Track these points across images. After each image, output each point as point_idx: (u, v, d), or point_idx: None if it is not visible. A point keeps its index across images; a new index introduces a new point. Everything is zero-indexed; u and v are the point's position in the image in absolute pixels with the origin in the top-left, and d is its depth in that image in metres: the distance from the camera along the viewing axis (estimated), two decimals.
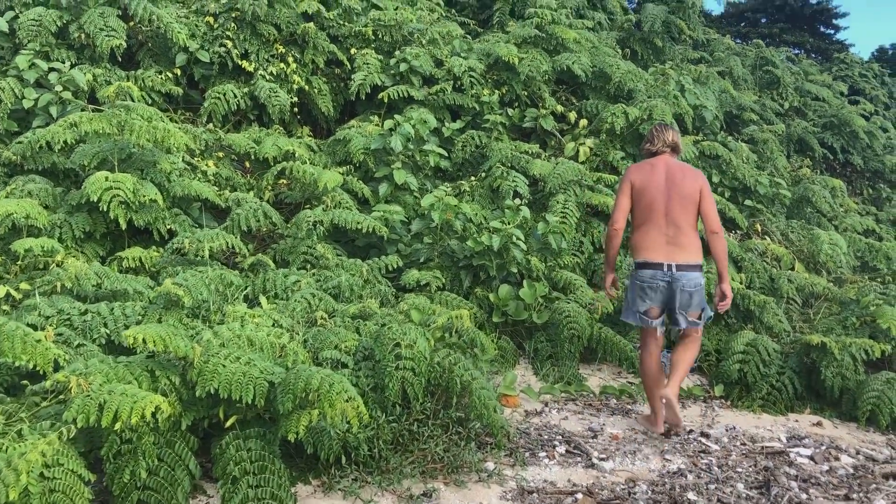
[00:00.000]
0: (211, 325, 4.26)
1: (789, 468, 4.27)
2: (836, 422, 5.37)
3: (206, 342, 3.56)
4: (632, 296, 4.86)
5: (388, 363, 3.85)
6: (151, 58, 7.82)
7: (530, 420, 4.80)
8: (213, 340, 3.59)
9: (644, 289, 4.78)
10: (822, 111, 14.50)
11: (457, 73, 8.40)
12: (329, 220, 6.14)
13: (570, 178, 7.52)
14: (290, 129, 8.36)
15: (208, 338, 3.60)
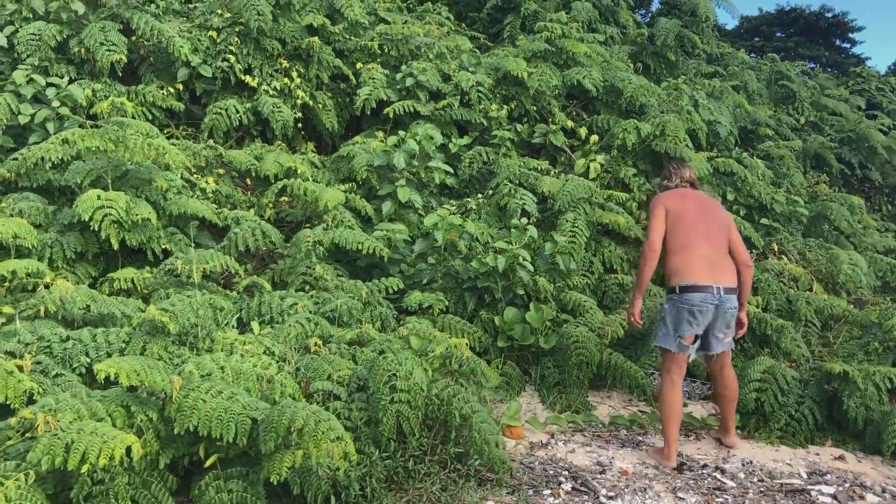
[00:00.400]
0: (199, 352, 4.07)
1: None
2: (859, 455, 5.10)
3: (187, 374, 3.35)
4: (674, 321, 4.72)
5: (383, 396, 3.63)
6: (153, 73, 7.68)
7: (535, 453, 4.56)
8: (195, 372, 3.39)
9: (693, 313, 4.67)
10: (840, 126, 14.23)
11: (464, 88, 8.21)
12: (329, 239, 5.95)
13: (579, 196, 7.29)
14: (294, 144, 8.20)
15: (190, 369, 3.40)
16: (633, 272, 5.00)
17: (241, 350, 4.03)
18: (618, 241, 7.61)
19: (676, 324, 4.69)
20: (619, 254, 7.42)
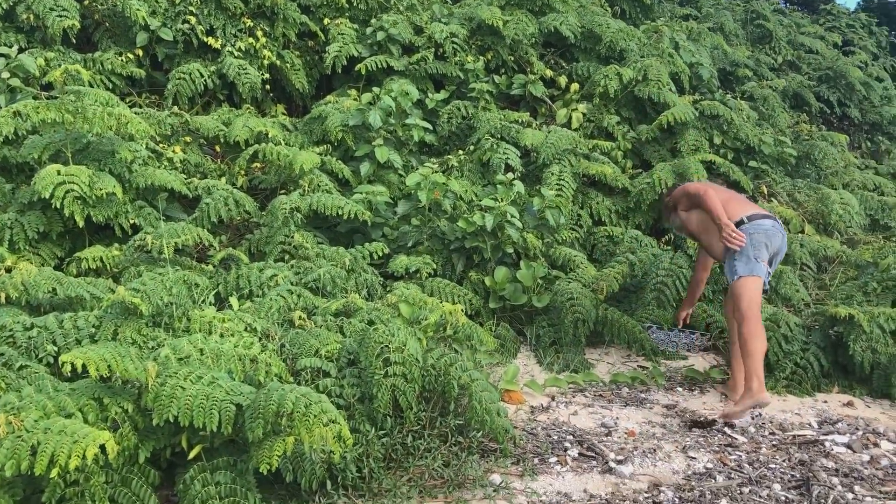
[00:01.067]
0: (175, 332, 3.80)
1: (826, 460, 3.85)
2: (867, 400, 4.96)
3: (163, 359, 3.09)
4: (755, 248, 4.68)
5: (376, 370, 3.39)
6: (110, 38, 7.26)
7: (537, 418, 4.36)
8: (172, 357, 3.13)
9: (769, 236, 4.73)
10: (817, 64, 14.03)
11: (438, 40, 7.86)
12: (307, 205, 5.66)
13: (564, 148, 7.03)
14: (264, 107, 7.83)
15: (166, 354, 3.14)
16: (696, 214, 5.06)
17: (221, 328, 3.76)
18: (605, 192, 7.38)
19: (759, 249, 4.66)
20: (606, 205, 7.20)
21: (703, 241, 5.09)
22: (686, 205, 5.09)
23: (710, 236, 4.94)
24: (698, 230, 5.05)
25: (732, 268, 4.69)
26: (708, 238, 4.97)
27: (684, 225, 5.17)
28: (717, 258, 5.08)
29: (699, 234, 5.06)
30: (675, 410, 4.64)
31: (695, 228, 5.08)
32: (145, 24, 7.03)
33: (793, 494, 3.45)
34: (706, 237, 4.99)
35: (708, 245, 5.03)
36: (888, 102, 14.61)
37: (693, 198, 5.01)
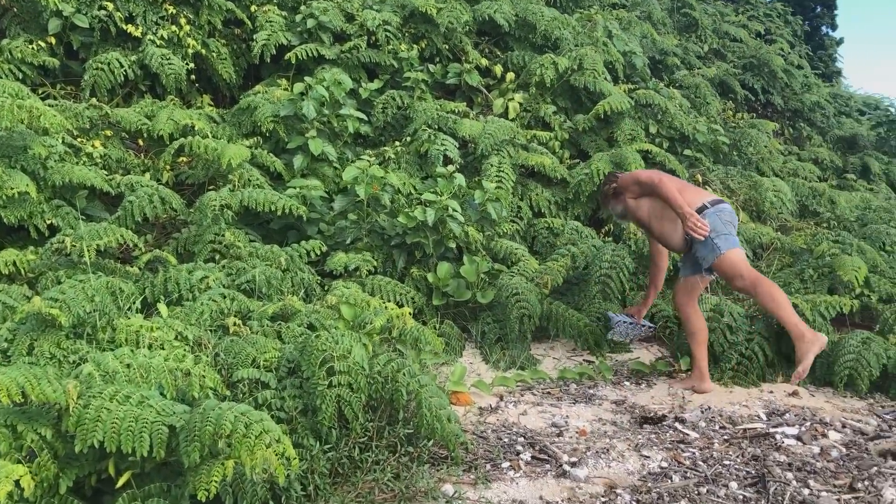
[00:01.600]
0: (99, 344, 3.51)
1: (778, 454, 3.81)
2: (811, 388, 4.98)
3: (85, 377, 2.82)
4: (725, 226, 4.69)
5: (319, 381, 3.18)
6: (19, 25, 6.78)
7: (486, 420, 4.21)
8: (96, 374, 2.86)
9: (732, 217, 4.76)
10: (741, 52, 14.27)
11: (370, 28, 7.62)
12: (238, 201, 5.38)
13: (502, 138, 6.91)
14: (189, 99, 7.46)
15: (89, 371, 2.87)
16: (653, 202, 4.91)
17: (149, 338, 3.50)
18: (544, 183, 7.29)
19: (726, 227, 4.67)
20: (546, 196, 7.11)
21: (654, 229, 4.96)
22: (636, 192, 4.95)
23: (662, 223, 4.84)
24: (649, 218, 4.93)
25: (710, 249, 4.64)
26: (660, 225, 4.86)
27: (631, 213, 5.03)
28: (671, 247, 4.98)
29: (649, 221, 4.94)
30: (624, 406, 4.56)
31: (645, 216, 4.95)
32: (58, 10, 6.59)
33: (750, 492, 3.39)
34: (658, 224, 4.88)
35: (660, 233, 4.92)
36: (808, 90, 14.98)
37: (645, 186, 4.88)
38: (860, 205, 9.01)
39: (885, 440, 3.96)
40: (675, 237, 4.81)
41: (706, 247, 4.65)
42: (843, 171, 13.28)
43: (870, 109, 18.25)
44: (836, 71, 22.62)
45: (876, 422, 4.34)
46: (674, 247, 4.94)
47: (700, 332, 4.86)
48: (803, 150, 13.41)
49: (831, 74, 21.73)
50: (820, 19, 26.41)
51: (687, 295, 4.91)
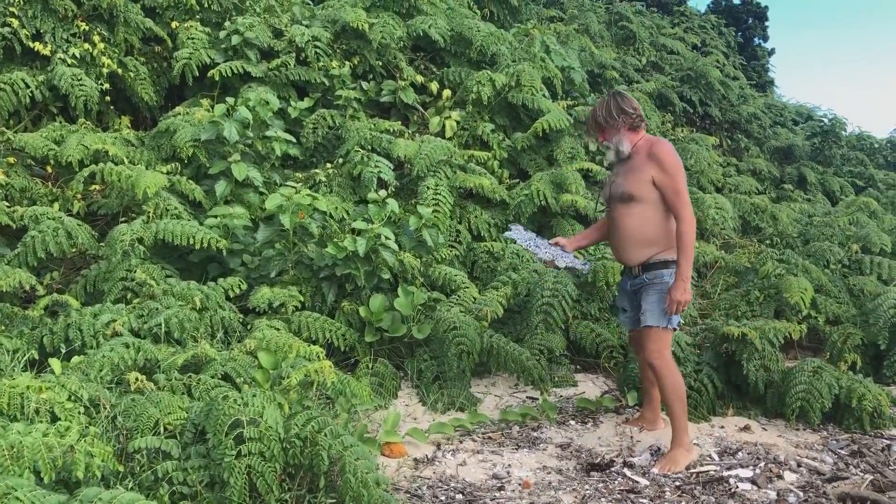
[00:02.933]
0: None
1: (734, 502, 3.57)
2: (762, 421, 4.78)
3: None
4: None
5: (227, 451, 2.82)
6: None
7: (422, 473, 3.88)
8: None
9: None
10: (678, 65, 14.34)
11: (300, 44, 7.27)
12: (152, 234, 4.98)
13: (438, 159, 6.61)
14: (106, 121, 6.99)
15: None
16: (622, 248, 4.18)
17: (36, 401, 3.08)
18: (482, 204, 7.01)
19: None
20: (485, 219, 6.83)
21: (631, 213, 4.05)
22: (643, 157, 4.03)
23: (644, 217, 4.02)
24: (640, 193, 4.01)
25: (662, 315, 4.04)
26: (640, 220, 4.04)
27: (633, 169, 4.04)
28: (625, 252, 4.17)
29: (639, 196, 4.00)
30: (570, 450, 4.28)
31: (639, 187, 4.01)
32: None
33: None
34: (640, 214, 4.03)
35: (633, 226, 4.07)
36: (745, 101, 15.12)
37: (664, 160, 3.94)
38: (800, 218, 8.97)
39: (843, 482, 3.76)
40: (638, 250, 4.08)
41: (660, 309, 4.04)
42: (780, 181, 13.37)
43: (802, 119, 18.54)
44: (769, 81, 23.03)
45: (832, 459, 4.15)
46: (630, 254, 4.14)
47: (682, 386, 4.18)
48: (741, 161, 13.47)
49: (764, 84, 22.10)
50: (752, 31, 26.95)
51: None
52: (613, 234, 4.23)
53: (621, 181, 4.09)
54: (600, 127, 4.16)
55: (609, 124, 4.10)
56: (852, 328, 5.64)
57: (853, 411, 4.67)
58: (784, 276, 6.03)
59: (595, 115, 4.16)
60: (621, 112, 4.07)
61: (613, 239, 4.24)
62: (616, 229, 4.18)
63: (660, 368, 4.09)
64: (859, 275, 6.91)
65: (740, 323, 5.13)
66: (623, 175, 4.10)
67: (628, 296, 4.37)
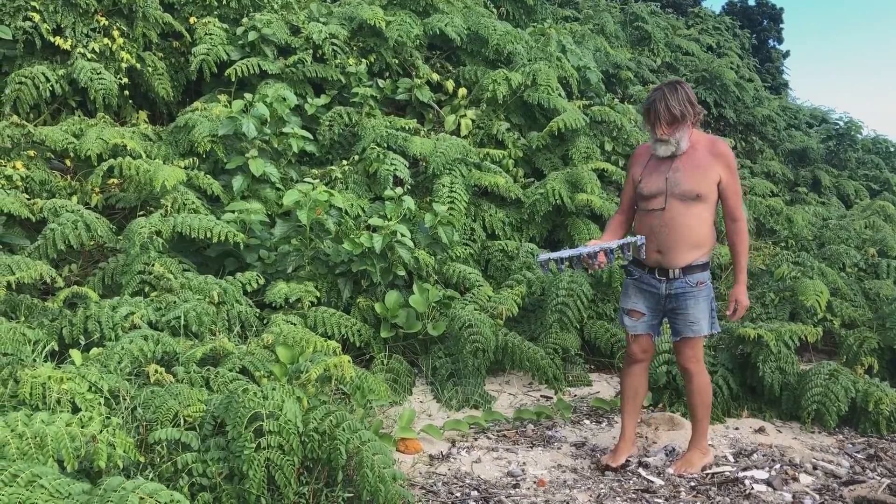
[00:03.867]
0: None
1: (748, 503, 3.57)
2: (777, 423, 4.77)
3: None
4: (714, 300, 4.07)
5: (246, 443, 2.84)
6: None
7: (437, 470, 3.90)
8: None
9: None
10: (693, 66, 14.28)
11: (317, 41, 7.29)
12: (170, 228, 5.01)
13: (454, 157, 6.62)
14: (124, 115, 7.04)
15: None
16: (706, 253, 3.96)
17: (58, 392, 3.11)
18: (497, 203, 7.02)
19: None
20: (500, 217, 6.84)
21: (679, 211, 3.81)
22: (706, 155, 3.83)
23: (695, 205, 3.80)
24: (699, 186, 3.81)
25: (710, 321, 3.99)
26: (688, 220, 3.82)
27: (688, 167, 3.82)
28: (657, 253, 3.91)
29: (696, 187, 3.80)
30: (584, 449, 4.29)
31: (698, 181, 3.81)
32: None
33: None
34: (692, 212, 3.81)
35: (682, 225, 3.82)
36: (760, 103, 15.06)
37: (731, 161, 3.85)
38: (815, 221, 8.93)
39: (859, 486, 3.75)
40: (688, 252, 3.86)
41: (711, 316, 3.98)
42: (794, 184, 13.31)
43: (816, 122, 18.46)
44: (783, 83, 22.94)
45: (848, 463, 4.14)
46: (679, 256, 3.87)
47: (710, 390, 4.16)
48: (755, 163, 13.43)
49: (778, 87, 22.02)
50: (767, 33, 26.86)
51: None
52: (661, 233, 3.86)
53: (683, 178, 3.79)
54: (676, 119, 3.73)
55: (685, 117, 3.75)
56: (868, 332, 5.61)
57: (869, 415, 4.65)
58: (799, 279, 6.01)
59: (671, 106, 3.71)
60: (694, 104, 3.82)
61: (661, 238, 3.87)
62: (669, 228, 3.84)
63: (697, 374, 4.03)
64: (875, 278, 6.88)
65: (755, 325, 5.12)
66: (685, 172, 3.80)
67: (650, 299, 4.00)
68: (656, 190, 3.86)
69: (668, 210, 3.83)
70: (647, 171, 3.91)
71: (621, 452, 4.07)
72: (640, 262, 4.01)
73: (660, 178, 3.85)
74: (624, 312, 4.11)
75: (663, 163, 3.86)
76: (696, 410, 4.04)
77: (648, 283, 3.99)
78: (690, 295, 3.90)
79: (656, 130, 3.76)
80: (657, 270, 3.94)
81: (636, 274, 4.04)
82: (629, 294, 4.09)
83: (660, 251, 3.90)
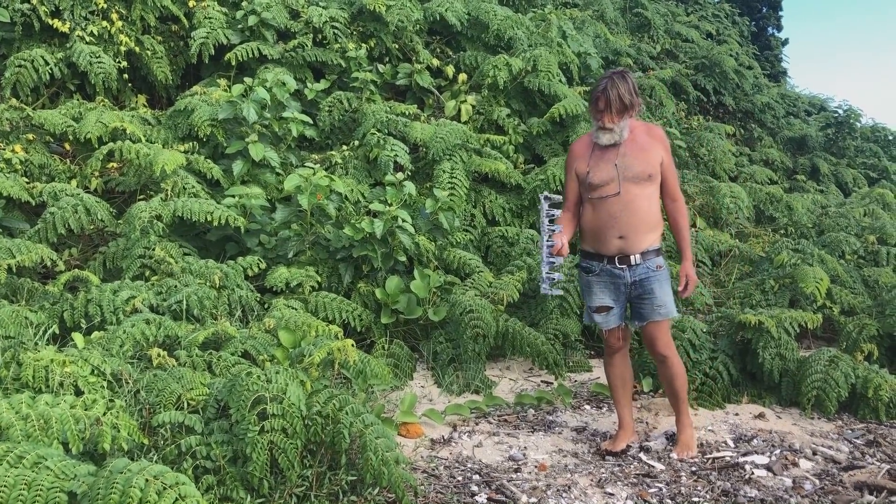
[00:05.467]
0: (2, 384, 3.12)
1: (749, 488, 3.58)
2: (777, 409, 4.77)
3: None
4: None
5: (250, 426, 2.85)
6: None
7: (438, 454, 3.90)
8: None
9: None
10: (693, 53, 14.24)
11: (317, 25, 7.25)
12: (170, 212, 5.00)
13: (454, 142, 6.59)
14: (123, 99, 7.00)
15: None
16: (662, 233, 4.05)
17: (61, 375, 3.11)
18: (498, 189, 7.01)
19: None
20: (500, 203, 6.83)
21: (644, 178, 3.85)
22: (646, 138, 3.91)
23: (647, 186, 3.85)
24: (648, 167, 3.86)
25: (665, 302, 3.94)
26: (634, 204, 3.84)
27: (634, 152, 3.86)
28: (606, 239, 3.91)
29: (647, 168, 3.85)
30: (585, 434, 4.30)
31: (646, 162, 3.86)
32: None
33: None
34: (639, 196, 3.85)
35: (629, 209, 3.84)
36: (759, 90, 15.03)
37: (666, 142, 3.95)
38: (814, 209, 8.93)
39: (859, 471, 3.76)
40: (647, 235, 3.88)
41: (671, 298, 3.98)
42: (793, 172, 13.31)
43: (815, 110, 18.44)
44: (782, 71, 22.90)
45: (847, 448, 4.15)
46: (640, 240, 3.89)
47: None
48: (754, 150, 13.42)
49: (777, 74, 21.97)
50: (766, 20, 26.78)
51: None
52: (622, 217, 3.86)
53: (632, 162, 3.84)
54: (625, 108, 3.82)
55: (633, 107, 3.85)
56: (868, 319, 5.62)
57: (869, 401, 4.66)
58: (799, 266, 6.01)
59: (621, 95, 3.79)
60: (638, 94, 3.92)
61: (622, 222, 3.86)
62: (629, 211, 3.85)
63: (673, 357, 4.05)
64: (874, 266, 6.89)
65: (755, 311, 5.12)
66: (632, 156, 3.85)
67: (615, 290, 3.97)
68: (608, 178, 3.87)
69: (623, 194, 3.85)
70: (593, 161, 3.92)
71: (621, 440, 4.09)
72: (598, 253, 3.97)
73: (608, 165, 3.88)
74: (592, 311, 4.07)
75: (608, 151, 3.89)
76: (679, 394, 4.06)
77: (611, 274, 3.95)
78: (654, 279, 3.91)
79: (604, 119, 3.82)
80: (618, 259, 3.92)
81: (595, 269, 3.99)
82: (593, 291, 4.04)
83: (622, 236, 3.89)
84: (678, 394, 4.07)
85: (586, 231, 4.02)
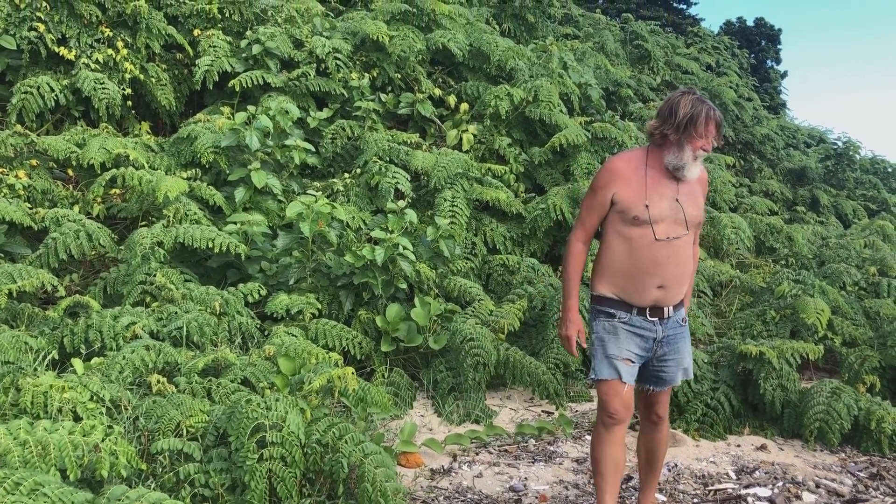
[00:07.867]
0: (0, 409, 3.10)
1: None
2: (779, 441, 4.75)
3: None
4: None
5: (248, 455, 2.83)
6: None
7: (438, 484, 3.87)
8: None
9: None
10: (692, 84, 14.35)
11: (320, 55, 7.31)
12: (172, 238, 5.00)
13: (456, 171, 6.62)
14: (127, 126, 7.04)
15: None
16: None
17: (60, 401, 3.10)
18: (499, 217, 7.03)
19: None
20: (501, 232, 6.84)
21: (697, 225, 3.30)
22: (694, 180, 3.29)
23: (692, 235, 3.29)
24: (701, 213, 3.32)
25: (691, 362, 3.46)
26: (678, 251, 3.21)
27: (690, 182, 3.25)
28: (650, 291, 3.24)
29: (700, 214, 3.31)
30: (586, 465, 4.26)
31: (694, 203, 3.26)
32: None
33: None
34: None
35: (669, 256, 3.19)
36: (759, 122, 15.14)
37: (706, 184, 3.41)
38: (814, 240, 8.95)
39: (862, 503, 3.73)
40: (685, 286, 3.33)
41: (690, 355, 3.47)
42: (793, 203, 13.36)
43: (814, 142, 18.56)
44: (781, 103, 23.09)
45: (851, 481, 4.12)
46: (680, 291, 3.30)
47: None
48: (754, 182, 13.49)
49: (777, 106, 22.15)
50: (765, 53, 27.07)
51: None
52: (669, 265, 3.21)
53: (689, 203, 3.24)
54: (677, 127, 3.14)
55: (678, 128, 3.15)
56: (869, 350, 5.61)
57: (872, 434, 4.64)
58: (800, 297, 6.01)
59: (719, 119, 3.19)
60: (683, 124, 3.16)
61: (668, 271, 3.22)
62: (674, 261, 3.21)
63: (667, 418, 3.54)
64: (875, 297, 6.88)
65: (757, 342, 5.11)
66: (688, 197, 3.24)
67: (643, 344, 3.28)
68: (669, 215, 3.17)
69: (683, 239, 3.21)
70: (651, 190, 3.17)
71: None
72: (625, 302, 3.25)
73: (670, 202, 3.17)
74: (616, 360, 3.23)
75: (665, 183, 3.19)
76: (661, 461, 3.53)
77: (641, 325, 3.25)
78: (681, 336, 3.35)
79: (708, 145, 3.17)
80: (649, 311, 3.25)
81: (623, 316, 3.26)
82: (620, 338, 3.25)
83: (662, 286, 3.22)
84: (659, 463, 3.52)
85: (612, 273, 3.27)
